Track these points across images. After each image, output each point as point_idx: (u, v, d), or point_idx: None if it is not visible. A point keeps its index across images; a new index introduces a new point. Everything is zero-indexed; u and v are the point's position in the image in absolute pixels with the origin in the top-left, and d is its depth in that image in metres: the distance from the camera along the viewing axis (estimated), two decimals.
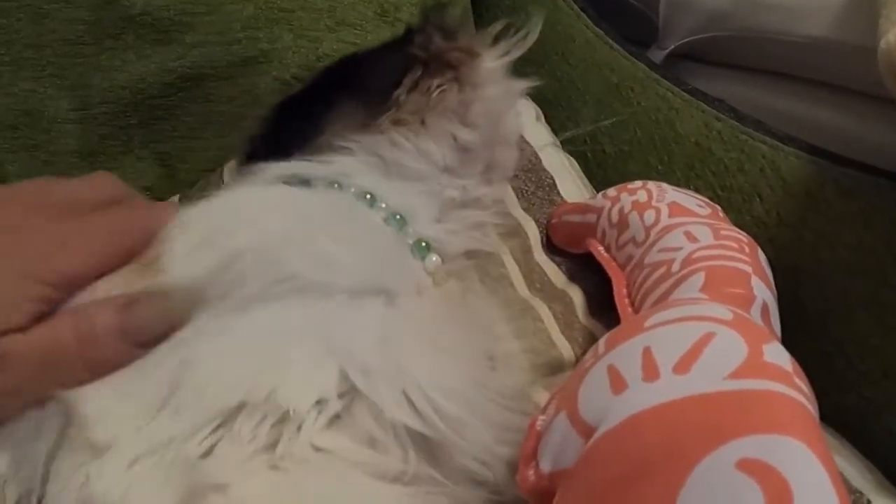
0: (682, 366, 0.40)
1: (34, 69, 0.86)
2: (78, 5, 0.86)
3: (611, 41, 0.96)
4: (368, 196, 0.64)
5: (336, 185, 0.64)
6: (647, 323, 0.45)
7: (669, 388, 0.39)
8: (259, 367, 0.50)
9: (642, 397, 0.40)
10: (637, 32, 1.07)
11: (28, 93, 0.86)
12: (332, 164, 0.65)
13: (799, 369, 0.42)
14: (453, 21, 0.74)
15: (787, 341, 0.56)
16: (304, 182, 0.64)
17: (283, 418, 0.48)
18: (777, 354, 0.41)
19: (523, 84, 0.77)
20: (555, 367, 0.65)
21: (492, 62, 0.73)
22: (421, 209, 0.66)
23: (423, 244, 0.65)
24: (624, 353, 0.44)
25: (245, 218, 0.58)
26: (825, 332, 0.66)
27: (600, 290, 0.68)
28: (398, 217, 0.64)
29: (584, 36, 0.99)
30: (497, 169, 0.74)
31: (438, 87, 0.68)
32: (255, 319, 0.53)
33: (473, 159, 0.71)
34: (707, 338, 0.42)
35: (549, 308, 0.70)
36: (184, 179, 0.88)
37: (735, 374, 0.39)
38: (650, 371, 0.41)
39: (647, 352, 0.42)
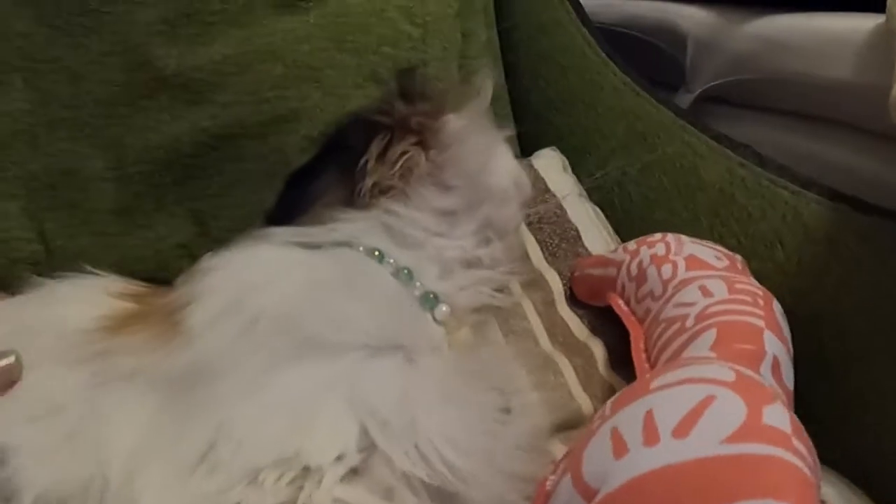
0: (682, 430, 0.41)
1: (71, 129, 0.89)
2: (113, 67, 0.89)
3: (637, 88, 0.96)
4: (377, 252, 0.65)
5: (346, 246, 0.65)
6: (653, 385, 0.46)
7: (668, 453, 0.40)
8: (288, 425, 0.52)
9: (642, 461, 0.40)
10: (665, 76, 1.08)
11: (65, 152, 0.89)
12: (338, 231, 0.66)
13: (800, 429, 0.42)
14: (421, 84, 0.73)
15: (807, 388, 0.57)
16: (316, 246, 0.65)
17: (306, 473, 0.50)
18: (777, 416, 0.41)
19: (501, 134, 0.77)
20: (574, 422, 0.66)
21: (459, 121, 0.72)
22: (426, 268, 0.67)
23: (432, 295, 0.66)
24: (627, 416, 0.44)
25: (263, 283, 0.61)
26: (845, 379, 0.66)
27: (621, 342, 0.68)
28: (406, 271, 0.66)
29: (611, 83, 0.99)
30: (493, 227, 0.73)
31: (402, 154, 0.68)
32: (282, 379, 0.55)
33: (461, 221, 0.71)
34: (707, 401, 0.42)
35: (570, 362, 0.70)
36: (217, 237, 0.89)
37: (732, 438, 0.39)
38: (650, 435, 0.41)
39: (648, 415, 0.43)
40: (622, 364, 0.69)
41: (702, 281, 0.62)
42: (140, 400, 0.56)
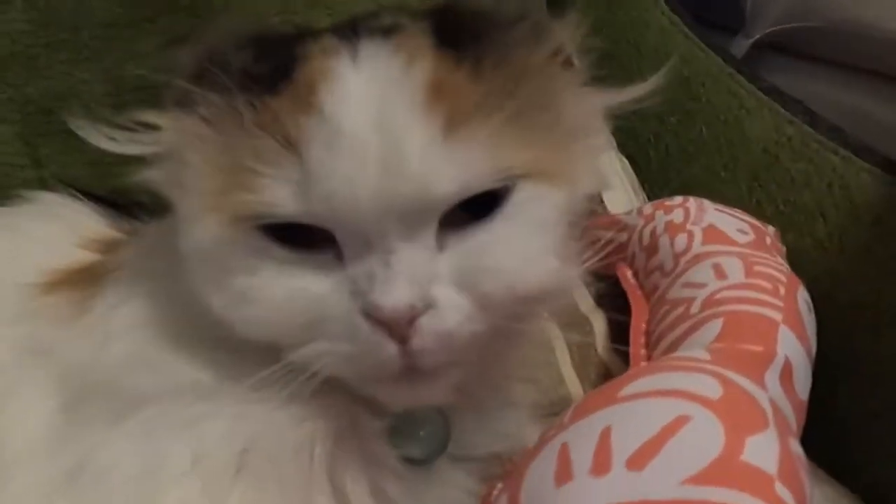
0: (639, 459, 0.33)
1: (71, 52, 0.84)
2: None
3: (687, 30, 0.88)
4: None
5: None
6: (621, 392, 0.38)
7: (615, 488, 0.33)
8: (140, 472, 0.44)
9: (582, 495, 0.33)
10: (724, 17, 0.99)
11: (64, 76, 0.84)
12: None
13: (792, 467, 0.34)
14: None
15: (836, 394, 0.52)
16: None
17: None
18: (761, 451, 0.33)
19: None
20: (559, 406, 0.58)
21: None
22: None
23: None
24: (583, 430, 0.37)
25: (160, 274, 0.50)
26: (875, 386, 0.57)
27: (627, 318, 0.60)
28: None
29: (659, 23, 0.92)
30: None
31: None
32: (145, 409, 0.46)
33: None
34: (679, 423, 0.34)
35: (566, 338, 0.62)
36: None
37: (697, 479, 0.32)
38: (601, 462, 0.34)
39: (605, 434, 0.35)
40: (624, 343, 0.61)
41: (717, 258, 0.54)
42: (47, 386, 0.49)
